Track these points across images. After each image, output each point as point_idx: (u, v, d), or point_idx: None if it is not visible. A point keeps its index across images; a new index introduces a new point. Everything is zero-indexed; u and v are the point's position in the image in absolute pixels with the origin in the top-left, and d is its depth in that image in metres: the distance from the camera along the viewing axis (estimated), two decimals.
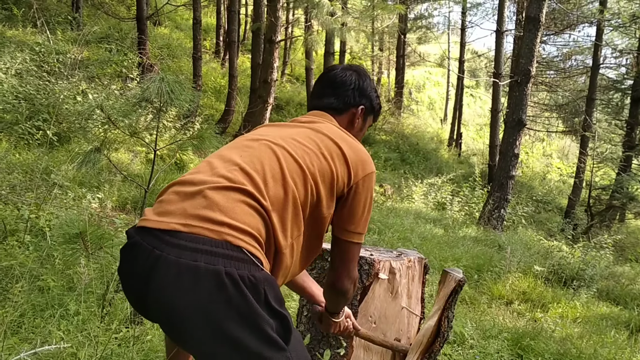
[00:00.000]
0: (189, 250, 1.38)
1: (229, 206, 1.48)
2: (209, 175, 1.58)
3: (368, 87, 2.04)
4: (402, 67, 21.10)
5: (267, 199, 1.54)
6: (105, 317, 3.05)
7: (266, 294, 1.43)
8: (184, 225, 1.43)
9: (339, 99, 1.99)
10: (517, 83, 10.48)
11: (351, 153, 1.78)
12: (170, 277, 1.37)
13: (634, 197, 14.66)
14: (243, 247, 1.42)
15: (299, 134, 1.78)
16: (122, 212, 5.93)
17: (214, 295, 1.35)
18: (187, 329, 1.38)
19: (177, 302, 1.37)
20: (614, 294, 7.46)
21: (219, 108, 13.12)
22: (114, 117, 3.24)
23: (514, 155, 10.52)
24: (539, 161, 24.30)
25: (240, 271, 1.38)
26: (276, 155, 1.65)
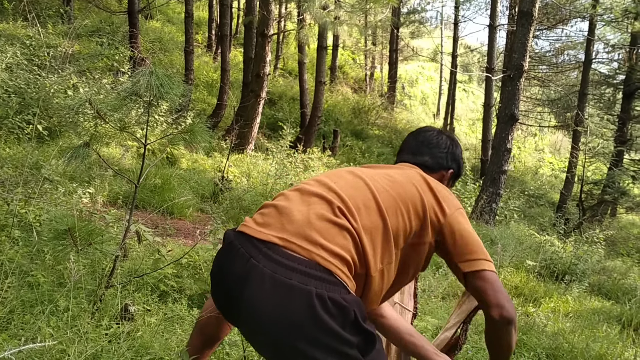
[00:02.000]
0: (284, 267, 1.47)
1: (324, 227, 1.57)
2: (307, 195, 1.70)
3: (459, 154, 2.16)
4: (395, 61, 21.07)
5: (358, 222, 1.61)
6: (95, 313, 3.02)
7: (356, 315, 1.48)
8: (280, 239, 1.53)
9: (433, 159, 2.09)
10: (510, 78, 10.48)
11: (440, 188, 1.86)
12: (265, 290, 1.46)
13: (626, 192, 14.75)
14: (332, 271, 1.50)
15: (388, 171, 1.89)
16: (113, 207, 5.88)
17: (303, 314, 1.43)
18: (274, 341, 1.48)
19: (270, 315, 1.46)
20: (605, 289, 7.50)
21: (211, 102, 13.07)
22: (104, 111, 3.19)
23: (506, 150, 10.53)
24: (531, 156, 24.38)
25: (330, 294, 1.45)
26: (367, 184, 1.74)
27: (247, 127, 10.32)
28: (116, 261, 3.11)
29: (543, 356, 4.24)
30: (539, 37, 20.09)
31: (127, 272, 3.71)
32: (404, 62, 25.07)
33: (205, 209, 7.04)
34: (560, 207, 15.29)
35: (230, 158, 9.20)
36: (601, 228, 10.95)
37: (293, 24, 18.43)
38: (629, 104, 16.26)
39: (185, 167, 8.41)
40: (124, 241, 3.03)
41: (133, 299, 3.40)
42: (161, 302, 3.66)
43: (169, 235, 5.42)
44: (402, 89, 24.09)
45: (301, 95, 14.40)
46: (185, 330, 3.24)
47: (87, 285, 3.32)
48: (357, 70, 23.01)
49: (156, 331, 3.09)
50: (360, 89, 21.28)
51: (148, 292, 3.64)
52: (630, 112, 16.25)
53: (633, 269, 9.32)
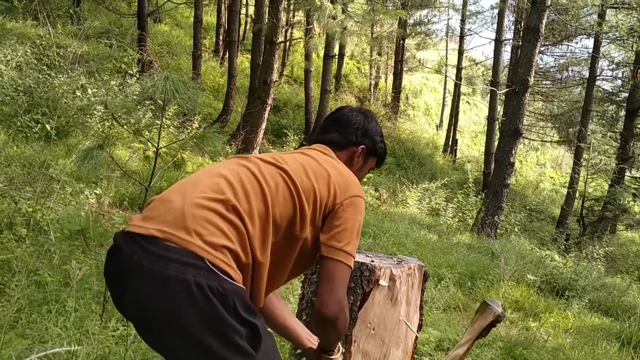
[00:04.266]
0: (162, 258, 1.44)
1: (201, 214, 1.53)
2: (193, 184, 1.64)
3: (372, 130, 2.10)
4: (400, 72, 21.14)
5: (243, 208, 1.58)
6: (103, 314, 3.05)
7: (235, 304, 1.47)
8: (159, 231, 1.49)
9: (341, 135, 2.05)
10: (515, 92, 10.53)
11: (337, 176, 1.82)
12: (143, 283, 1.44)
13: (626, 209, 14.77)
14: (209, 260, 1.46)
15: (288, 157, 1.84)
16: (120, 208, 5.92)
17: (183, 303, 1.41)
18: (159, 333, 1.48)
19: (149, 307, 1.44)
20: (605, 305, 7.50)
21: (217, 107, 13.11)
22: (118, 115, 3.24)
23: (509, 163, 10.57)
24: (532, 170, 24.40)
25: (209, 281, 1.43)
26: (255, 170, 1.71)
27: (253, 133, 10.35)
28: None
29: None
30: (544, 53, 20.17)
31: None
32: (409, 73, 25.14)
33: None
34: (560, 223, 15.30)
35: None
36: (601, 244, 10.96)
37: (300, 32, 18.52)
38: (631, 122, 16.29)
39: (191, 171, 8.44)
40: None
41: None
42: None
43: None
44: (406, 100, 24.14)
45: (306, 102, 14.46)
46: None
47: (94, 287, 3.34)
48: (361, 79, 23.07)
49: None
50: (365, 98, 21.33)
51: None
52: (632, 129, 16.28)
53: (632, 286, 9.33)
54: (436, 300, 5.66)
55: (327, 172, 1.80)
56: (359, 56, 24.06)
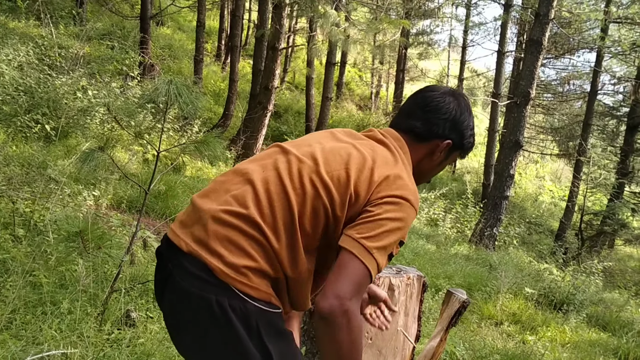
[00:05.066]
0: (189, 274, 1.45)
1: (225, 234, 1.46)
2: (224, 189, 1.57)
3: (464, 122, 1.78)
4: (402, 81, 21.17)
5: (269, 224, 1.48)
6: (99, 317, 3.02)
7: (258, 327, 1.44)
8: (186, 244, 1.48)
9: (425, 125, 1.74)
10: (516, 104, 10.54)
11: (385, 173, 1.56)
12: (174, 294, 1.49)
13: (625, 224, 14.75)
14: (230, 283, 1.42)
15: (334, 148, 1.64)
16: (117, 210, 5.89)
17: (205, 322, 1.43)
18: (182, 343, 1.55)
19: (177, 317, 1.51)
20: (603, 321, 7.47)
21: (218, 111, 13.11)
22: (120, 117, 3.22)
23: (509, 175, 10.56)
24: (531, 182, 24.39)
25: (231, 301, 1.41)
26: (289, 174, 1.55)
27: (253, 139, 10.35)
28: (121, 266, 3.11)
29: None
30: (546, 66, 20.22)
31: (131, 277, 3.71)
32: (410, 82, 25.17)
33: None
34: (559, 236, 15.28)
35: None
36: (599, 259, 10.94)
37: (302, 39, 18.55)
38: (632, 137, 16.30)
39: (190, 175, 8.42)
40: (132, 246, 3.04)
41: (135, 305, 3.40)
42: None
43: None
44: None
45: (307, 109, 14.46)
46: None
47: (89, 289, 3.32)
48: (363, 87, 23.10)
49: (158, 339, 3.09)
50: (366, 107, 21.36)
51: (151, 298, 3.64)
52: (633, 144, 16.29)
53: (630, 302, 9.30)
54: (433, 311, 5.63)
55: (372, 169, 1.55)
56: (360, 64, 24.10)
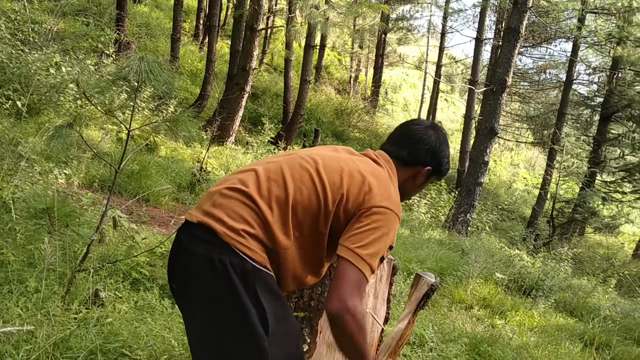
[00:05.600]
0: (196, 239, 1.70)
1: (226, 203, 1.74)
2: (232, 177, 1.86)
3: (442, 152, 2.09)
4: (381, 66, 21.17)
5: (264, 197, 1.74)
6: (65, 296, 2.99)
7: (255, 284, 1.65)
8: (197, 218, 1.73)
9: (411, 155, 2.05)
10: (493, 92, 10.60)
11: (376, 184, 1.83)
12: (183, 260, 1.73)
13: (595, 213, 15.01)
14: (231, 243, 1.65)
15: (333, 156, 1.92)
16: (89, 189, 5.82)
17: (208, 277, 1.64)
18: (190, 302, 1.74)
19: (186, 281, 1.72)
20: (570, 306, 7.61)
21: (194, 92, 12.98)
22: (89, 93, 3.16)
23: (483, 162, 10.65)
24: (506, 170, 24.67)
25: (231, 259, 1.63)
26: (290, 165, 1.84)
27: (229, 120, 10.27)
28: (90, 245, 3.08)
29: None
30: (523, 54, 20.34)
31: (100, 257, 3.67)
32: (389, 68, 25.20)
33: (182, 198, 7.00)
34: (531, 223, 15.50)
35: (210, 149, 9.15)
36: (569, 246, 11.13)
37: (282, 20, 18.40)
38: (605, 127, 16.55)
39: (164, 155, 8.34)
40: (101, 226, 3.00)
41: (104, 285, 3.37)
42: (132, 290, 3.63)
43: (143, 223, 5.37)
44: (385, 94, 24.20)
45: (285, 91, 14.39)
46: (155, 320, 3.22)
47: (58, 268, 3.27)
48: (342, 71, 23.05)
49: (126, 319, 3.07)
50: (344, 91, 21.33)
51: (120, 278, 3.61)
52: (605, 134, 16.54)
53: (598, 288, 9.49)
54: (405, 294, 5.68)
55: (364, 178, 1.83)
56: (340, 48, 24.02)
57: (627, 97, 15.45)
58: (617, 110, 16.31)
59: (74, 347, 2.50)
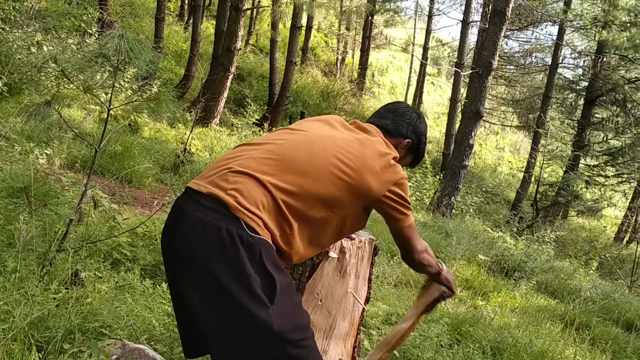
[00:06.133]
0: (204, 207, 1.71)
1: (242, 183, 1.75)
2: (241, 152, 1.88)
3: (421, 129, 2.29)
4: (367, 48, 21.07)
5: (272, 182, 1.77)
6: (44, 276, 2.96)
7: (262, 254, 1.66)
8: (205, 187, 1.77)
9: (394, 124, 2.22)
10: (478, 75, 10.60)
11: (383, 166, 1.96)
12: (187, 224, 1.72)
13: (579, 196, 15.16)
14: (241, 218, 1.68)
15: (344, 139, 1.98)
16: (71, 170, 5.76)
17: (213, 246, 1.65)
18: (190, 267, 1.71)
19: (188, 243, 1.71)
20: (552, 288, 7.70)
21: (179, 72, 12.86)
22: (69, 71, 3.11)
23: (468, 145, 10.67)
24: (491, 153, 24.78)
25: (239, 231, 1.65)
26: (308, 146, 1.90)
27: (214, 101, 10.19)
28: (70, 225, 3.05)
29: (487, 349, 4.34)
30: (509, 38, 20.34)
31: (80, 237, 3.64)
32: (376, 50, 25.10)
33: (165, 179, 6.95)
34: (515, 206, 15.62)
35: (194, 131, 9.09)
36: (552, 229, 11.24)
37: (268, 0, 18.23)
38: (589, 111, 16.65)
39: (147, 136, 8.27)
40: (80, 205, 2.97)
41: (84, 265, 3.34)
42: (113, 270, 3.62)
43: (126, 204, 5.34)
44: (372, 77, 24.13)
45: (271, 73, 14.29)
46: (136, 300, 3.20)
47: (38, 248, 3.24)
48: (328, 53, 22.93)
49: (106, 299, 3.05)
50: (331, 73, 21.24)
51: (100, 259, 3.59)
52: (590, 118, 16.64)
53: (579, 270, 9.60)
54: (387, 275, 5.71)
55: (373, 162, 1.93)
56: (327, 29, 23.87)
57: (611, 81, 15.53)
58: (602, 95, 16.40)
59: (53, 327, 2.48)
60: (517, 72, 21.76)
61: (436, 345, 3.86)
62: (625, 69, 16.69)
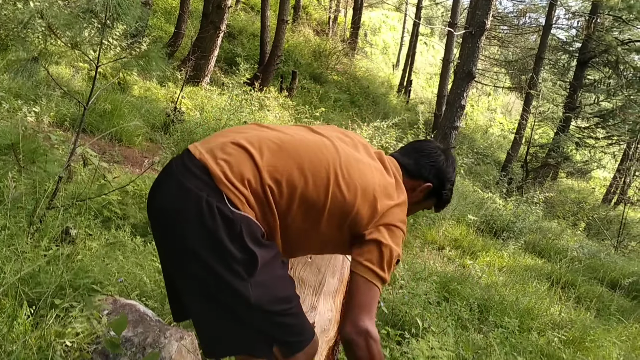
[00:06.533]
0: (190, 173, 1.66)
1: (237, 158, 1.69)
2: (252, 129, 1.83)
3: (447, 174, 2.07)
4: (360, 7, 20.77)
5: (267, 164, 1.69)
6: (35, 233, 2.97)
7: (242, 230, 1.61)
8: (200, 152, 1.71)
9: (416, 165, 2.04)
10: (471, 34, 10.51)
11: (384, 200, 1.82)
12: (170, 189, 1.68)
13: (568, 157, 15.25)
14: (224, 192, 1.62)
15: (356, 157, 1.87)
16: (60, 128, 5.71)
17: (192, 214, 1.60)
18: (169, 234, 1.67)
19: (170, 207, 1.66)
20: (539, 247, 7.81)
21: (169, 30, 12.65)
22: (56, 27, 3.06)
23: (460, 106, 10.65)
24: (483, 115, 24.76)
25: (219, 204, 1.60)
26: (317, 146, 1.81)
27: (204, 60, 10.07)
28: (59, 182, 3.04)
29: (475, 306, 4.43)
30: None
31: (71, 195, 3.64)
32: (369, 9, 24.76)
33: (156, 138, 6.92)
34: (505, 167, 15.69)
35: (185, 90, 9.00)
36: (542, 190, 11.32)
37: None
38: (581, 72, 16.61)
39: (137, 95, 8.19)
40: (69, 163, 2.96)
41: (75, 223, 3.35)
42: (104, 228, 3.62)
43: (116, 163, 5.32)
44: (365, 37, 23.86)
45: (262, 31, 14.09)
46: (127, 257, 3.22)
47: (28, 206, 3.24)
48: (320, 12, 22.60)
49: (97, 256, 3.07)
50: (323, 32, 20.96)
51: (91, 216, 3.59)
52: (582, 80, 16.62)
53: (567, 231, 9.73)
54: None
55: (375, 198, 1.80)
56: None
57: (604, 42, 15.47)
58: (595, 56, 16.35)
59: (43, 282, 2.50)
60: (511, 33, 21.59)
61: (424, 302, 3.92)
62: (618, 30, 16.60)
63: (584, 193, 16.83)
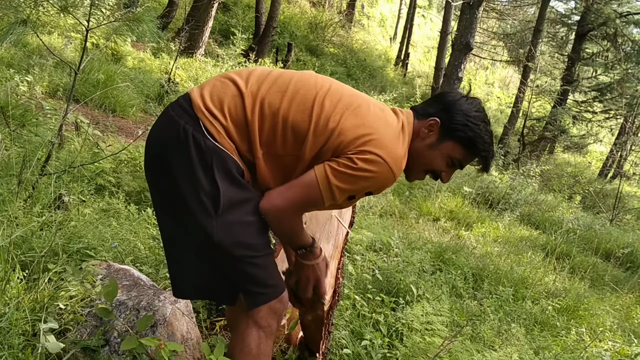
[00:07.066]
0: (177, 104, 1.73)
1: (219, 88, 1.73)
2: (251, 70, 1.82)
3: (459, 108, 1.79)
4: None
5: (254, 94, 1.70)
6: (27, 200, 2.95)
7: (212, 162, 1.62)
8: (191, 89, 1.77)
9: (425, 106, 1.88)
10: (469, 5, 10.41)
11: (377, 132, 1.69)
12: (160, 123, 1.75)
13: (565, 131, 15.23)
14: (201, 119, 1.65)
15: (353, 92, 1.82)
16: (53, 98, 5.66)
17: (172, 141, 1.65)
18: (154, 166, 1.73)
19: (155, 141, 1.74)
20: (535, 219, 7.83)
21: (162, 1, 12.49)
22: None
23: (457, 78, 10.59)
24: (480, 89, 24.64)
25: (195, 132, 1.63)
26: (298, 76, 1.78)
27: (198, 30, 9.96)
28: (52, 149, 3.01)
29: (469, 275, 4.44)
30: None
31: (64, 162, 3.61)
32: None
33: (149, 109, 6.87)
34: (502, 140, 15.66)
35: (179, 61, 8.91)
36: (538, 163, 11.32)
37: None
38: (580, 45, 16.49)
39: (131, 66, 8.11)
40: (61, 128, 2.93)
41: (68, 190, 3.33)
42: (98, 196, 3.60)
43: (110, 133, 5.28)
44: (362, 8, 23.61)
45: (257, 3, 13.92)
46: (120, 224, 3.21)
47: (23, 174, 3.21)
48: None
49: (90, 222, 3.05)
50: (319, 3, 20.72)
51: (85, 184, 3.57)
52: (580, 53, 16.51)
53: (562, 204, 9.75)
54: (374, 205, 5.77)
55: (365, 122, 1.69)
56: None
57: (603, 15, 15.33)
58: (593, 29, 16.21)
59: (36, 247, 2.48)
60: (509, 5, 21.42)
61: (419, 270, 3.93)
62: (617, 3, 16.45)
63: (581, 167, 16.86)
